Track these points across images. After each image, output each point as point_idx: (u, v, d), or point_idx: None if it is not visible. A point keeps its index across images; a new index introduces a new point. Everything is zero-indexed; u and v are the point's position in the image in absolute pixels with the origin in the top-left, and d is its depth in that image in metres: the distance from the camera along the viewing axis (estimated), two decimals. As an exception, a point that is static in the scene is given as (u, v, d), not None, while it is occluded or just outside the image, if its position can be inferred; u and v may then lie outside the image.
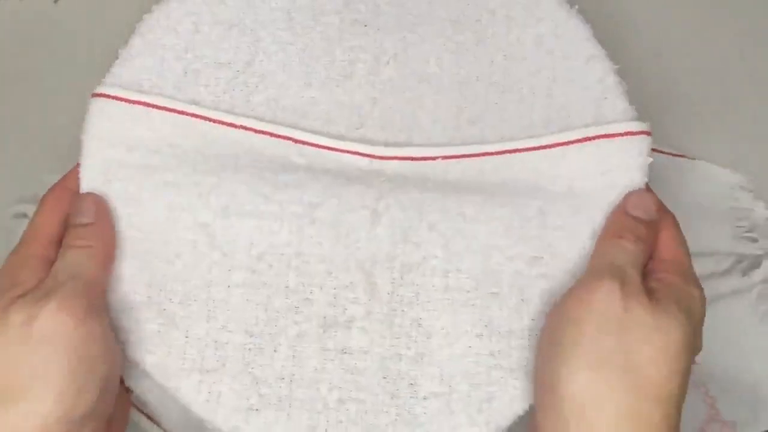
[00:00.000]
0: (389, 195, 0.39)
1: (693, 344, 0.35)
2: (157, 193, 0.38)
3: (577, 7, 0.43)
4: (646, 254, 0.37)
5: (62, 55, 0.45)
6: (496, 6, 0.43)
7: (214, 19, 0.42)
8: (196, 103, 0.40)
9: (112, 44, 0.42)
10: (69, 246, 0.37)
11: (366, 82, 0.42)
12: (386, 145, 0.40)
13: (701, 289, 0.37)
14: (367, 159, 0.40)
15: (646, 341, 0.34)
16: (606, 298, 0.34)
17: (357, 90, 0.42)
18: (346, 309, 0.37)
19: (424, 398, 0.36)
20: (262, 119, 0.40)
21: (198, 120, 0.40)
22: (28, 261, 0.36)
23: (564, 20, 0.42)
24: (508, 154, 0.40)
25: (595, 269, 0.37)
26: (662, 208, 0.39)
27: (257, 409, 0.36)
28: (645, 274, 0.37)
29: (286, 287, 0.38)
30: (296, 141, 0.40)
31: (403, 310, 0.37)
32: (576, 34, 0.42)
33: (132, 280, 0.37)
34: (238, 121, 0.40)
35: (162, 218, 0.38)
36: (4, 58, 0.45)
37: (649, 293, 0.35)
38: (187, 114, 0.40)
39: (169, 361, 0.36)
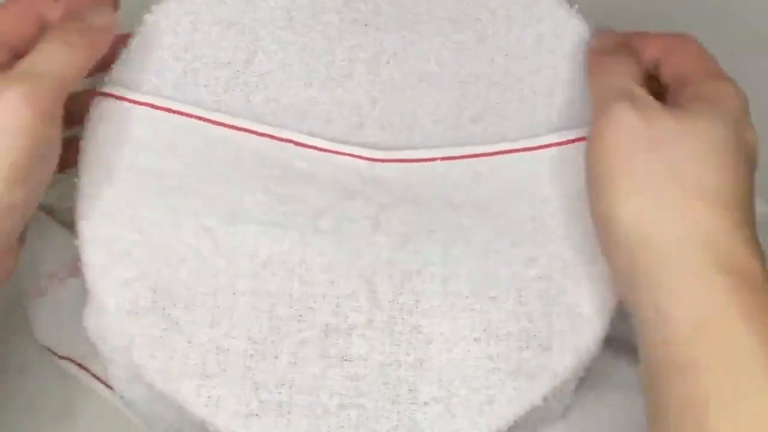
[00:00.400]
0: (390, 210, 0.39)
1: (739, 138, 0.33)
2: (160, 196, 0.38)
3: (577, 6, 0.43)
4: (641, 66, 0.36)
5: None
6: (495, 5, 0.42)
7: (213, 18, 0.42)
8: (197, 104, 0.40)
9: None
10: (51, 39, 0.35)
11: (366, 82, 0.42)
12: (386, 149, 0.40)
13: (733, 82, 0.35)
14: (367, 162, 0.40)
15: (679, 147, 0.32)
16: (622, 120, 0.33)
17: (357, 89, 0.41)
18: (347, 317, 0.37)
19: (425, 403, 0.36)
20: (263, 121, 0.40)
21: (200, 122, 0.40)
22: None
23: (564, 20, 0.42)
24: (505, 155, 0.40)
25: (598, 101, 0.35)
26: (671, 34, 0.38)
27: (257, 415, 0.36)
28: (658, 93, 0.35)
29: (290, 296, 0.38)
30: (297, 144, 0.40)
31: (403, 318, 0.37)
32: (576, 34, 0.42)
33: (136, 283, 0.37)
34: (240, 124, 0.40)
35: (166, 222, 0.38)
36: (4, 57, 0.45)
37: (670, 104, 0.34)
38: (189, 116, 0.40)
39: (171, 365, 0.36)
